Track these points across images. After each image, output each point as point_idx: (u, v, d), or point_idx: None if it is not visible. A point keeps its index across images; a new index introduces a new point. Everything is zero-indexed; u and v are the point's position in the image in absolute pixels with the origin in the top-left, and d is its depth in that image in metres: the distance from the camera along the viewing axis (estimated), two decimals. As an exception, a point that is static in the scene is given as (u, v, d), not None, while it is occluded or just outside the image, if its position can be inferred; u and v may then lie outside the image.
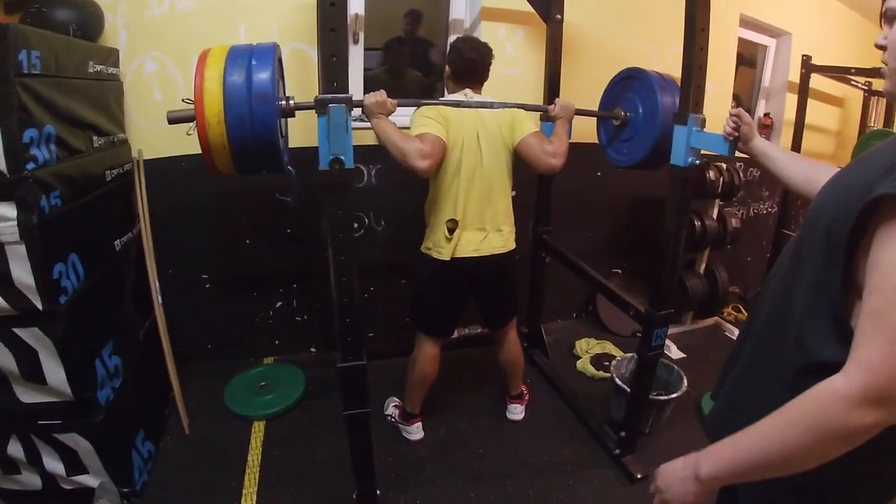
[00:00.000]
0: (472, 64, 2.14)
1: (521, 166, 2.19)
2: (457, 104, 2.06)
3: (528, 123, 2.15)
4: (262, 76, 1.50)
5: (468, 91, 2.16)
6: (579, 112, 2.27)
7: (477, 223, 2.13)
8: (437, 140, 1.94)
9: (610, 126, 2.48)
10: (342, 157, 1.40)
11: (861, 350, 0.71)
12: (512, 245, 2.24)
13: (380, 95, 1.83)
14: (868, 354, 0.70)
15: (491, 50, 2.19)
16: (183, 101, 1.56)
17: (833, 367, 0.74)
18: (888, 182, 0.71)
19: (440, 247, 2.12)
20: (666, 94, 2.16)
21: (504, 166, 2.15)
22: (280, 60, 1.75)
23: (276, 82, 1.55)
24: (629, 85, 2.35)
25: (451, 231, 2.08)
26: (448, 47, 2.25)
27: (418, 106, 2.06)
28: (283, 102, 1.62)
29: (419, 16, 3.16)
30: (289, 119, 1.75)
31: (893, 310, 0.68)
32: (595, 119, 2.54)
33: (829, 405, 0.71)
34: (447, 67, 2.21)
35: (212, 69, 1.49)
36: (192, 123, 1.50)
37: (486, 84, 2.21)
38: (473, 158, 2.08)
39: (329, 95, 1.37)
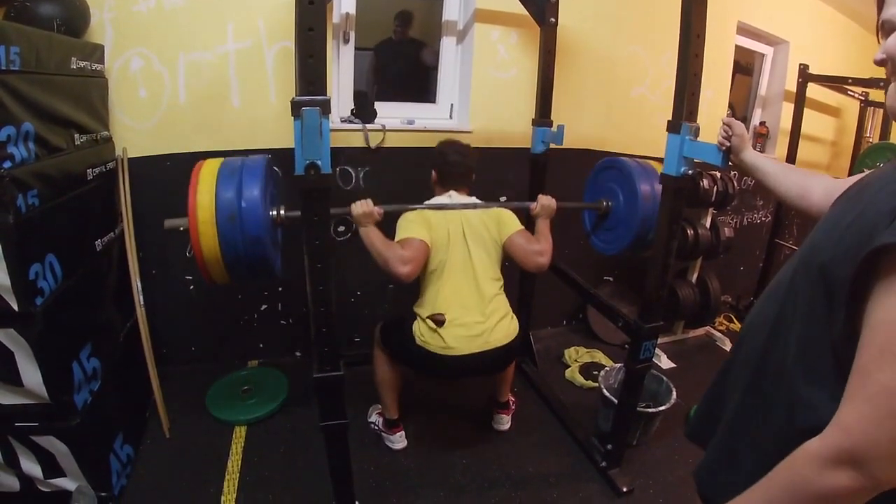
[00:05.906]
0: (455, 167, 2.25)
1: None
2: (441, 207, 2.16)
3: (513, 222, 2.21)
4: (252, 214, 1.69)
5: (453, 193, 2.25)
6: (561, 206, 2.28)
7: (475, 316, 2.09)
8: (419, 244, 2.02)
9: (594, 215, 2.54)
10: (318, 162, 1.35)
11: (841, 409, 0.68)
12: (516, 329, 2.20)
13: (366, 206, 1.97)
14: (845, 414, 0.67)
15: (474, 152, 2.31)
16: (180, 230, 1.76)
17: None
18: (891, 229, 0.65)
19: (424, 335, 2.09)
20: (644, 182, 2.22)
21: (494, 261, 2.20)
22: (272, 169, 1.91)
23: (267, 209, 1.74)
24: (609, 175, 2.42)
25: (439, 324, 2.05)
26: (434, 152, 2.32)
27: (402, 212, 2.12)
28: (274, 213, 1.80)
29: (409, 17, 3.13)
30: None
31: (876, 369, 0.64)
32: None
33: (802, 466, 0.69)
34: (433, 171, 2.30)
35: (204, 208, 1.69)
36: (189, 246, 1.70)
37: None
38: (462, 255, 2.14)
39: (305, 98, 1.32)
